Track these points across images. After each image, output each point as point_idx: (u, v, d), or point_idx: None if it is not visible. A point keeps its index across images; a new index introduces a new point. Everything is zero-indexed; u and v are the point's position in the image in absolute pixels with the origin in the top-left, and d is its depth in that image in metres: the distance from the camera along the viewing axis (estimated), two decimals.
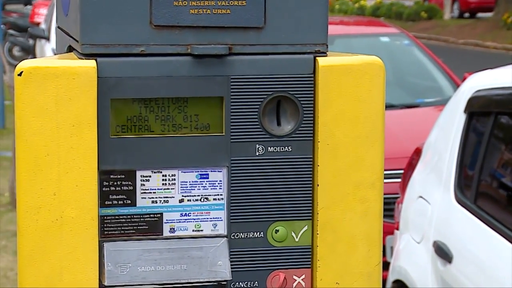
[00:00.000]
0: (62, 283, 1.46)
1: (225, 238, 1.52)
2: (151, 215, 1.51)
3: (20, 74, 1.43)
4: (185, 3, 1.47)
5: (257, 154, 1.52)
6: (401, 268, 3.72)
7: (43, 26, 13.48)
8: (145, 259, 1.49)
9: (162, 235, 1.51)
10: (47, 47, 11.83)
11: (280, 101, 1.52)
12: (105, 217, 1.49)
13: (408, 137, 5.12)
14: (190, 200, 1.52)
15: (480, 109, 3.44)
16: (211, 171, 1.52)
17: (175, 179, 1.51)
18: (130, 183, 1.50)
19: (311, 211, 1.54)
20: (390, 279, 3.85)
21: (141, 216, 1.50)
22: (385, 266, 3.40)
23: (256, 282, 1.54)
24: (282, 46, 1.51)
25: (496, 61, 8.06)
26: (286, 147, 1.53)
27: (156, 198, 1.51)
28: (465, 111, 3.49)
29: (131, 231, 1.50)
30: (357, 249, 1.55)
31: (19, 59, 15.33)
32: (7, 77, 8.84)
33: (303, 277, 1.55)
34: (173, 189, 1.51)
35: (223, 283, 1.53)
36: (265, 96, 1.51)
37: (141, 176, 1.50)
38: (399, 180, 4.37)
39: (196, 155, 1.51)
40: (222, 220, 1.53)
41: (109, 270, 1.47)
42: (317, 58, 1.51)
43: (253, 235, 1.53)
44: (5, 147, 8.36)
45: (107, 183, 1.49)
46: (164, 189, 1.51)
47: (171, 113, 1.50)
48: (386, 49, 6.62)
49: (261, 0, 1.49)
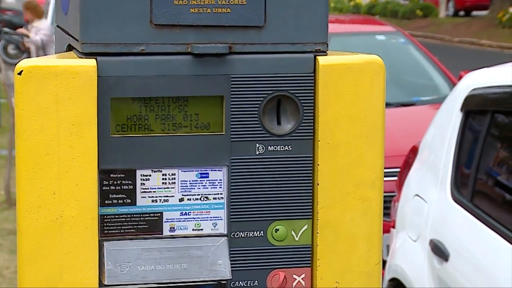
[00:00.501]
0: (62, 282, 1.46)
1: (225, 237, 1.53)
2: (151, 214, 1.51)
3: (20, 73, 1.43)
4: (185, 2, 1.47)
5: (257, 153, 1.52)
6: (397, 267, 3.73)
7: None
8: (145, 258, 1.49)
9: (162, 234, 1.51)
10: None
11: (280, 100, 1.52)
12: (105, 216, 1.49)
13: (404, 136, 5.13)
14: (190, 199, 1.52)
15: (476, 107, 3.45)
16: (211, 170, 1.52)
17: (175, 178, 1.51)
18: (130, 182, 1.50)
19: (311, 210, 1.54)
20: (386, 277, 3.86)
21: (141, 215, 1.50)
22: None
23: (256, 281, 1.54)
24: (283, 45, 1.51)
25: (491, 60, 8.08)
26: (286, 146, 1.53)
27: (156, 197, 1.51)
28: (461, 109, 3.50)
29: (131, 230, 1.50)
30: (357, 248, 1.55)
31: (14, 57, 15.33)
32: (2, 75, 8.82)
33: (303, 276, 1.55)
34: (173, 188, 1.51)
35: (223, 282, 1.53)
36: (265, 95, 1.51)
37: (141, 175, 1.50)
38: (395, 178, 4.38)
39: (196, 154, 1.51)
40: (222, 219, 1.53)
41: (109, 269, 1.47)
42: (317, 57, 1.51)
43: (253, 234, 1.53)
44: (1, 145, 8.35)
45: (107, 182, 1.49)
46: (164, 188, 1.51)
47: (171, 112, 1.50)
48: (382, 47, 6.64)
49: (261, 0, 1.49)
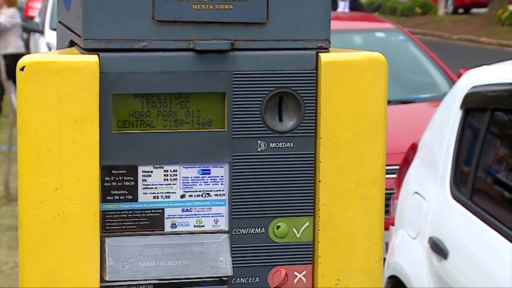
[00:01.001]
0: (63, 278, 1.46)
1: (227, 234, 1.53)
2: (152, 211, 1.51)
3: (22, 69, 1.43)
4: None
5: (259, 150, 1.52)
6: (396, 264, 3.73)
7: (37, 20, 13.45)
8: (146, 254, 1.49)
9: (164, 230, 1.51)
10: (41, 41, 11.80)
11: (282, 97, 1.52)
12: (106, 212, 1.49)
13: (404, 133, 5.13)
14: (192, 196, 1.52)
15: (476, 105, 3.45)
16: (212, 166, 1.52)
17: (176, 175, 1.51)
18: (131, 178, 1.50)
19: (312, 207, 1.54)
20: (385, 275, 3.86)
21: (143, 212, 1.51)
22: None
23: (257, 278, 1.54)
24: (285, 42, 1.51)
25: (490, 57, 8.09)
26: (288, 143, 1.53)
27: (158, 193, 1.51)
28: (461, 107, 3.50)
29: (133, 226, 1.50)
30: (358, 245, 1.55)
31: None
32: (1, 70, 8.81)
33: (304, 273, 1.56)
34: (174, 184, 1.51)
35: (224, 279, 1.53)
36: (267, 92, 1.51)
37: (142, 171, 1.50)
38: (394, 176, 4.38)
39: (198, 150, 1.51)
40: (223, 216, 1.53)
41: (111, 265, 1.47)
42: (319, 54, 1.52)
43: (254, 231, 1.53)
44: (0, 141, 8.35)
45: (108, 179, 1.49)
46: (165, 184, 1.51)
47: (173, 108, 1.50)
48: (381, 44, 6.63)
49: None
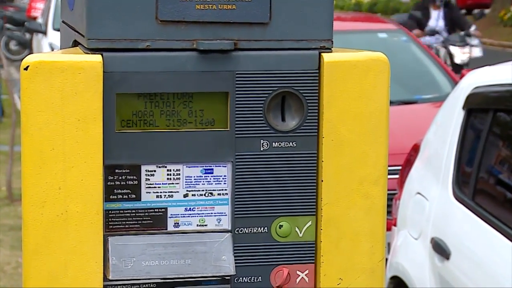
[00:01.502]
0: (66, 277, 1.47)
1: (229, 233, 1.53)
2: (155, 210, 1.51)
3: (26, 69, 1.43)
4: None
5: (261, 150, 1.53)
6: (398, 265, 3.73)
7: (40, 20, 13.46)
8: (149, 253, 1.49)
9: (167, 229, 1.51)
10: (44, 41, 11.81)
11: (284, 96, 1.52)
12: (110, 212, 1.49)
13: (406, 134, 5.13)
14: (195, 195, 1.52)
15: (478, 106, 3.45)
16: (215, 166, 1.52)
17: (179, 174, 1.52)
18: (135, 177, 1.50)
19: (315, 206, 1.54)
20: (388, 275, 3.86)
21: (146, 211, 1.51)
22: None
23: (260, 277, 1.54)
24: (287, 42, 1.51)
25: (492, 58, 8.07)
26: (291, 143, 1.53)
27: (161, 192, 1.51)
28: (463, 107, 3.50)
29: (136, 225, 1.50)
30: (360, 245, 1.55)
31: (15, 53, 15.33)
32: (4, 71, 8.82)
33: (306, 272, 1.56)
34: (177, 183, 1.52)
35: (227, 278, 1.53)
36: (270, 92, 1.51)
37: (146, 170, 1.50)
38: (396, 176, 4.38)
39: (201, 150, 1.51)
40: (226, 215, 1.53)
41: (114, 264, 1.47)
42: (322, 54, 1.52)
43: (257, 230, 1.54)
44: (2, 141, 8.35)
45: (112, 178, 1.49)
46: (168, 183, 1.51)
47: (176, 108, 1.50)
48: (383, 45, 6.62)
49: None
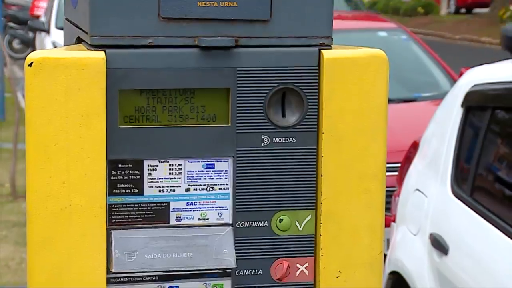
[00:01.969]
0: (70, 270, 1.47)
1: (230, 227, 1.53)
2: (158, 204, 1.52)
3: (30, 65, 1.44)
4: None
5: (262, 145, 1.53)
6: (397, 260, 3.74)
7: (43, 19, 13.45)
8: (151, 246, 1.50)
9: (169, 223, 1.52)
10: (47, 40, 11.80)
11: (285, 92, 1.53)
12: (113, 206, 1.50)
13: (405, 131, 5.12)
14: (196, 189, 1.53)
15: (477, 103, 3.46)
16: (217, 161, 1.53)
17: (181, 169, 1.52)
18: (137, 172, 1.50)
19: (314, 201, 1.55)
20: (387, 270, 3.87)
21: (148, 205, 1.51)
22: None
23: (260, 270, 1.55)
24: (288, 39, 1.51)
25: (491, 57, 8.06)
26: (291, 138, 1.54)
27: (163, 187, 1.52)
28: (462, 105, 3.50)
29: (138, 219, 1.51)
30: (359, 239, 1.56)
31: (19, 52, 15.31)
32: (7, 69, 8.82)
33: (306, 265, 1.56)
34: (179, 178, 1.52)
35: (228, 270, 1.54)
36: (270, 88, 1.52)
37: (148, 165, 1.51)
38: (396, 173, 4.38)
39: (203, 145, 1.52)
40: (227, 209, 1.54)
41: (117, 258, 1.48)
42: (321, 50, 1.52)
43: (257, 224, 1.54)
44: (6, 139, 8.35)
45: (115, 172, 1.50)
46: (171, 178, 1.52)
47: (178, 104, 1.51)
48: (383, 43, 6.60)
49: None
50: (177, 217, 1.52)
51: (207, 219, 1.53)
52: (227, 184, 1.53)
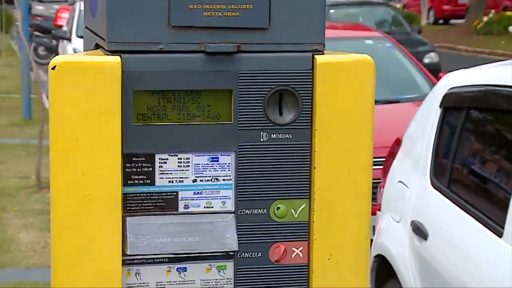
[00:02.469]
0: (89, 252, 1.47)
1: (233, 214, 1.53)
2: (168, 193, 1.51)
3: (53, 68, 1.43)
4: (199, 6, 1.47)
5: (261, 141, 1.52)
6: (382, 244, 3.73)
7: (65, 28, 13.45)
8: (162, 231, 1.49)
9: (178, 211, 1.52)
10: (69, 47, 11.79)
11: (282, 93, 1.52)
12: (127, 195, 1.49)
13: (389, 129, 5.11)
14: (202, 180, 1.52)
15: (453, 104, 3.45)
16: (221, 155, 1.52)
17: (189, 162, 1.52)
18: (149, 165, 1.50)
19: (308, 191, 1.54)
20: (372, 254, 3.86)
21: (159, 194, 1.51)
22: None
23: (260, 253, 1.55)
24: (285, 45, 1.51)
25: (467, 63, 8.05)
26: (287, 135, 1.53)
27: (173, 178, 1.51)
28: (440, 106, 3.50)
29: (150, 207, 1.51)
30: (348, 225, 1.55)
31: (43, 58, 15.29)
32: (33, 73, 8.81)
33: (301, 249, 1.56)
34: (187, 170, 1.52)
35: (230, 253, 1.53)
36: (269, 89, 1.51)
37: (159, 159, 1.50)
38: (381, 167, 4.37)
39: (208, 141, 1.51)
40: (230, 198, 1.53)
41: (131, 241, 1.48)
42: (315, 56, 1.51)
43: (257, 212, 1.54)
44: (32, 135, 8.35)
45: (129, 165, 1.49)
46: (179, 170, 1.51)
47: (186, 103, 1.50)
48: (370, 50, 6.58)
49: (266, 4, 1.49)
50: (185, 205, 1.52)
51: (212, 207, 1.53)
52: (230, 176, 1.53)
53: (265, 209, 1.54)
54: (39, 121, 7.27)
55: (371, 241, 4.03)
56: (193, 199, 1.52)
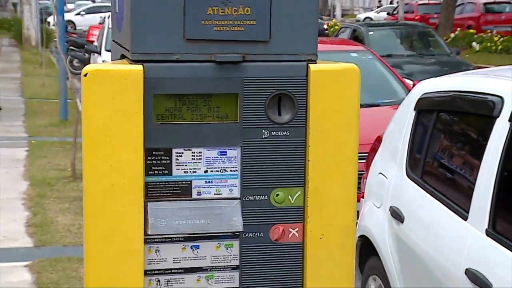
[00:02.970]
0: (115, 233, 1.46)
1: (238, 200, 1.52)
2: (183, 182, 1.50)
3: (85, 75, 1.43)
4: (210, 22, 1.46)
5: (263, 137, 1.51)
6: (365, 227, 3.72)
7: (96, 43, 13.43)
8: (178, 215, 1.48)
9: (191, 197, 1.51)
10: (99, 59, 11.78)
11: (281, 97, 1.51)
12: (148, 183, 1.48)
13: (371, 129, 5.09)
14: (213, 171, 1.51)
15: (426, 108, 3.44)
16: (228, 149, 1.51)
17: (201, 155, 1.51)
18: (167, 158, 1.49)
19: (303, 180, 1.53)
20: (357, 234, 3.85)
21: (176, 183, 1.50)
22: None
23: (262, 233, 1.54)
24: (283, 55, 1.50)
25: (436, 72, 8.02)
26: (285, 132, 1.52)
27: (187, 169, 1.50)
28: (414, 109, 3.48)
29: (168, 194, 1.50)
30: (337, 209, 1.54)
31: (77, 69, 15.28)
32: (69, 82, 8.81)
33: (296, 229, 1.55)
34: (199, 162, 1.51)
35: (237, 233, 1.52)
36: (269, 93, 1.50)
37: (176, 153, 1.49)
38: (364, 161, 4.36)
39: (217, 137, 1.50)
40: (236, 186, 1.52)
41: (152, 223, 1.47)
42: (309, 64, 1.50)
43: (259, 198, 1.53)
44: (68, 134, 8.35)
45: (150, 158, 1.48)
46: (193, 162, 1.50)
47: (198, 105, 1.49)
48: (355, 61, 6.54)
49: (267, 21, 1.48)
50: (197, 192, 1.51)
51: (221, 194, 1.52)
52: (236, 167, 1.52)
53: (266, 196, 1.53)
54: (73, 121, 7.27)
55: (356, 223, 4.02)
56: (204, 187, 1.51)
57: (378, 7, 39.21)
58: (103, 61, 11.15)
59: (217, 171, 1.52)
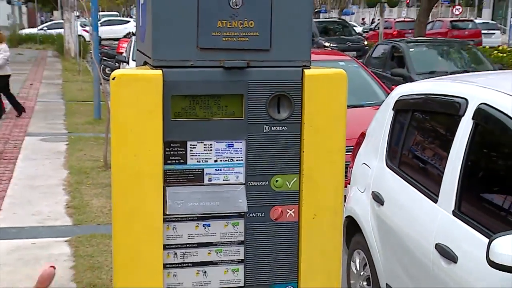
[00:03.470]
0: (139, 212, 1.45)
1: (244, 185, 1.51)
2: (196, 170, 1.49)
3: (113, 79, 1.41)
4: (219, 33, 1.45)
5: (264, 132, 1.50)
6: (351, 208, 3.71)
7: (124, 54, 13.43)
8: (193, 198, 1.47)
9: (203, 183, 1.49)
10: (127, 67, 11.78)
11: (280, 97, 1.50)
12: (167, 171, 1.47)
13: (356, 125, 5.08)
14: (222, 161, 1.50)
15: (402, 108, 3.42)
16: (235, 142, 1.50)
17: (212, 147, 1.49)
18: (183, 149, 1.48)
19: (299, 168, 1.52)
20: (344, 215, 3.83)
21: (190, 171, 1.49)
22: None
23: (263, 213, 1.52)
24: (282, 62, 1.48)
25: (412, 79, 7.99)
26: (283, 127, 1.51)
27: (200, 159, 1.49)
28: (393, 109, 3.46)
29: (184, 180, 1.48)
30: (328, 193, 1.53)
31: (109, 76, 15.28)
32: (102, 87, 8.81)
33: (293, 210, 1.54)
34: (210, 153, 1.49)
35: (242, 214, 1.51)
36: (270, 94, 1.49)
37: (190, 145, 1.48)
38: (350, 153, 4.34)
39: (226, 131, 1.49)
40: (242, 174, 1.51)
41: (170, 205, 1.46)
42: (304, 70, 1.49)
43: (261, 183, 1.51)
44: (101, 130, 8.36)
45: (168, 149, 1.47)
46: (205, 153, 1.49)
47: (209, 104, 1.48)
48: (342, 69, 6.54)
49: (268, 32, 1.47)
50: (209, 179, 1.50)
51: (229, 180, 1.50)
52: (241, 157, 1.50)
53: (267, 181, 1.52)
54: (105, 120, 7.26)
55: (344, 206, 4.00)
56: (215, 174, 1.50)
57: (362, 24, 38.97)
58: None
59: (226, 160, 1.50)
